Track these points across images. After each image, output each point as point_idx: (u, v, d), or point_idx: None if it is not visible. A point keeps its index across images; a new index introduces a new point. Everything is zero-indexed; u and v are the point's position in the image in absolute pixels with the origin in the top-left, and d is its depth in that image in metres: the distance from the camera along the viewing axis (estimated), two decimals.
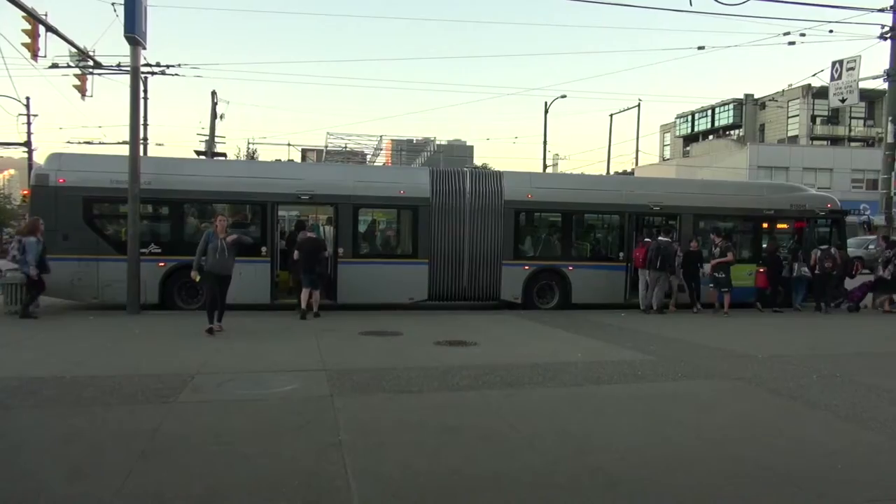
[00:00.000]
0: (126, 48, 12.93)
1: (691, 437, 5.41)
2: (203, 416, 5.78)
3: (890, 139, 16.70)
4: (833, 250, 15.14)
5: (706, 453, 5.01)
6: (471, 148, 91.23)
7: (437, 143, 47.41)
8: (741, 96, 55.95)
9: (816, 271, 14.92)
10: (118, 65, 20.32)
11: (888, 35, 16.16)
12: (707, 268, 14.36)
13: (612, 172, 42.01)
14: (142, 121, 20.73)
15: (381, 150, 44.12)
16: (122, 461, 4.51)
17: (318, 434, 5.20)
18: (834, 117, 50.60)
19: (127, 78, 13.65)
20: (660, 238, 14.03)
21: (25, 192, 21.36)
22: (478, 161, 74.31)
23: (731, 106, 56.97)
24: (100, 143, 32.78)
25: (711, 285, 14.32)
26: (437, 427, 5.51)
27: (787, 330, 12.16)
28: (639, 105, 41.92)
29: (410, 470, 4.51)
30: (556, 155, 59.97)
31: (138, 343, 9.36)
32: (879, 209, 16.95)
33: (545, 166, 42.30)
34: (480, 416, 5.88)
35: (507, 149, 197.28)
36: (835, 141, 51.26)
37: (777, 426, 5.80)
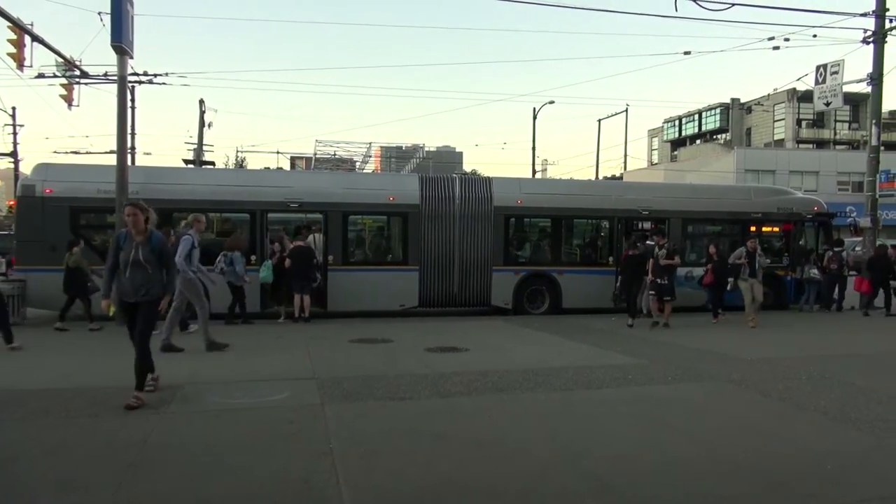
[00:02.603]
0: (113, 57, 12.89)
1: (683, 441, 5.43)
2: (193, 426, 5.74)
3: (874, 142, 16.87)
4: (850, 250, 15.71)
5: (698, 457, 5.02)
6: (460, 154, 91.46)
7: (427, 149, 47.50)
8: (728, 101, 56.39)
9: (826, 272, 15.32)
10: (105, 74, 20.23)
11: (871, 39, 16.35)
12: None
13: (600, 177, 42.18)
14: (129, 130, 20.63)
15: (370, 157, 44.11)
16: (111, 473, 4.47)
17: (309, 443, 5.17)
18: (819, 121, 51.07)
19: (114, 87, 13.61)
20: (647, 243, 14.07)
21: (12, 202, 21.18)
22: (467, 167, 74.48)
23: (718, 110, 57.41)
24: (87, 153, 32.54)
25: (652, 293, 12.73)
26: (428, 434, 5.49)
27: (779, 333, 12.19)
28: (626, 110, 42.08)
29: (402, 477, 4.50)
30: (545, 160, 60.19)
31: (127, 354, 9.23)
32: (865, 211, 17.10)
33: (534, 172, 42.41)
34: (472, 423, 5.87)
35: (496, 155, 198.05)
36: (820, 144, 51.73)
37: (767, 428, 5.83)
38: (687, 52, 21.97)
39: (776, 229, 16.47)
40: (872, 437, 5.52)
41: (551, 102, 40.17)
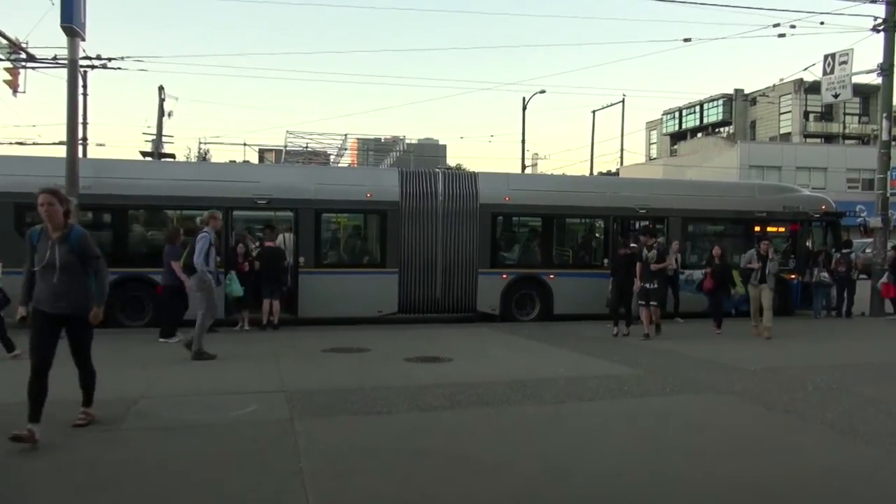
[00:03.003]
0: (63, 39, 12.73)
1: (681, 457, 5.46)
2: (150, 444, 5.68)
3: (885, 136, 17.09)
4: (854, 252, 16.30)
5: (697, 474, 5.06)
6: (443, 147, 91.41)
7: (407, 142, 47.33)
8: (731, 91, 57.07)
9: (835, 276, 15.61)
10: (54, 58, 19.91)
11: (881, 27, 16.58)
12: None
13: (595, 173, 42.46)
14: (81, 119, 20.40)
15: (346, 150, 43.96)
16: (55, 495, 4.42)
17: (278, 461, 5.14)
18: (827, 113, 51.87)
19: (64, 72, 13.45)
20: None
21: None
22: (451, 161, 74.48)
23: (721, 102, 58.08)
24: (34, 144, 32.04)
25: (641, 302, 12.35)
26: (407, 451, 5.49)
27: (784, 341, 12.29)
28: (623, 101, 42.47)
29: (377, 497, 4.49)
30: (536, 154, 60.63)
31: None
32: (875, 210, 17.32)
33: (524, 166, 42.56)
34: (454, 439, 5.87)
35: (482, 148, 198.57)
36: (829, 138, 52.52)
37: (771, 443, 5.89)
38: (687, 39, 22.16)
39: (782, 229, 16.64)
40: (882, 451, 5.60)
41: (542, 92, 40.35)
